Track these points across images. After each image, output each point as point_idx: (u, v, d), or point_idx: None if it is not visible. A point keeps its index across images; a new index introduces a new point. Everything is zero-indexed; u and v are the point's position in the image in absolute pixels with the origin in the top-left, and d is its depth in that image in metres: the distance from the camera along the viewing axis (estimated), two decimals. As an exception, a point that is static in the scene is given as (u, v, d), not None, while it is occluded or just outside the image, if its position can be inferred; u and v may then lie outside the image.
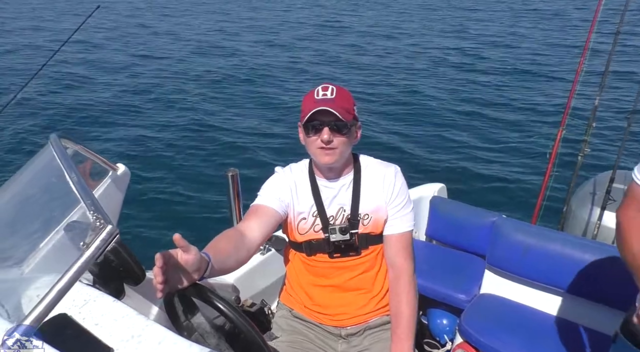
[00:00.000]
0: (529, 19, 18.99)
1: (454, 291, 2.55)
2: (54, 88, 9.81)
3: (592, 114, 3.65)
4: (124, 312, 1.19)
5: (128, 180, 1.95)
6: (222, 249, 1.39)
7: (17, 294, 1.37)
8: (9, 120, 7.82)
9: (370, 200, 1.68)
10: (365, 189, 1.69)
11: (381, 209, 1.67)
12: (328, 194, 1.68)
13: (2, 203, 1.56)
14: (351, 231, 1.64)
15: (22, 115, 8.23)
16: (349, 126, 1.57)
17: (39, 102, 8.99)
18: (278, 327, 1.82)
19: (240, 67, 12.22)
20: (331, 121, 1.53)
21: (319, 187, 1.69)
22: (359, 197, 1.67)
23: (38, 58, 12.03)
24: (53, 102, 9.13)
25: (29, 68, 10.89)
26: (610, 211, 3.26)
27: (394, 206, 1.68)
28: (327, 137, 1.53)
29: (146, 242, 4.55)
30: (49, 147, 1.42)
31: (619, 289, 2.21)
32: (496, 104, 9.40)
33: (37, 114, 8.45)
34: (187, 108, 9.19)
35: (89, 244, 0.84)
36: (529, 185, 6.05)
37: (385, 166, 1.73)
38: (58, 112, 8.62)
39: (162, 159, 6.98)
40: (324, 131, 1.53)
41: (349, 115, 1.55)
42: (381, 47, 14.41)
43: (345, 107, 1.54)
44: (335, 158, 1.58)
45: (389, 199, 1.67)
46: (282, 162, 1.82)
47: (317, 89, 1.57)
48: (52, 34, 15.23)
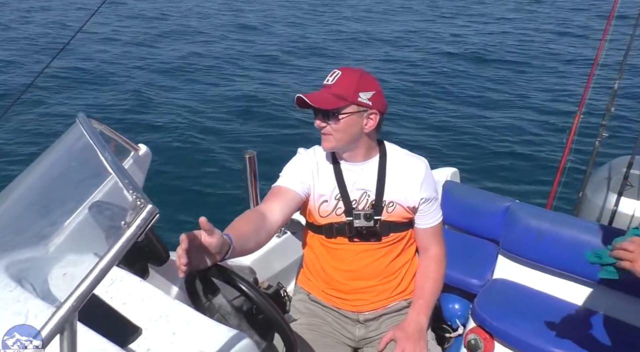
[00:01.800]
0: (548, 2, 18.57)
1: (467, 275, 2.56)
2: (69, 74, 9.81)
3: (611, 99, 3.59)
4: (151, 292, 1.22)
5: (149, 160, 1.97)
6: (243, 231, 1.40)
7: (44, 272, 1.40)
8: (33, 101, 7.88)
9: (397, 188, 1.67)
10: (392, 176, 1.68)
11: (408, 200, 1.68)
12: (351, 177, 1.68)
13: (30, 182, 1.59)
14: (375, 217, 1.65)
15: (44, 97, 8.28)
16: (334, 113, 1.55)
17: (59, 86, 9.02)
18: (296, 310, 1.84)
19: (255, 48, 12.14)
20: (319, 109, 1.56)
21: (342, 170, 1.69)
22: (384, 183, 1.67)
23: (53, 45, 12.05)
24: (72, 86, 9.16)
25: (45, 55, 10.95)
26: (628, 197, 3.23)
27: (428, 201, 1.70)
28: (318, 124, 1.59)
29: (166, 224, 4.60)
30: (78, 126, 1.42)
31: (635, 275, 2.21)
32: (512, 88, 9.25)
33: (56, 98, 8.49)
34: (206, 89, 9.17)
35: (130, 223, 0.85)
36: (544, 170, 5.98)
37: (416, 158, 1.74)
38: (76, 97, 8.64)
39: (181, 140, 7.00)
40: (317, 119, 1.59)
41: (339, 101, 1.54)
42: (390, 30, 14.21)
43: (340, 93, 1.54)
44: (332, 144, 1.60)
45: (425, 196, 1.69)
46: (299, 145, 1.82)
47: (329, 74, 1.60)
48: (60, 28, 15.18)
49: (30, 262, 1.47)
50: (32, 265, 1.46)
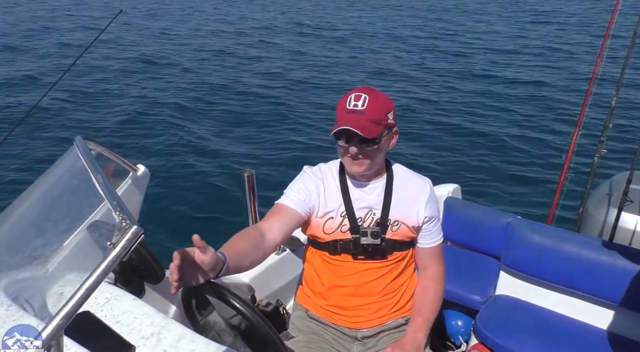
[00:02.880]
0: (547, 17, 18.83)
1: (468, 292, 2.55)
2: (73, 95, 9.93)
3: (609, 114, 3.62)
4: (144, 310, 1.23)
5: (147, 180, 1.99)
6: (240, 249, 1.41)
7: (43, 292, 1.41)
8: (33, 125, 7.96)
9: (402, 207, 1.68)
10: (398, 196, 1.69)
11: (412, 219, 1.69)
12: (357, 195, 1.69)
13: (29, 203, 1.61)
14: (381, 236, 1.65)
15: (45, 120, 8.38)
16: (377, 140, 1.56)
17: (60, 109, 9.12)
18: (294, 327, 1.84)
19: (255, 69, 12.28)
20: (359, 136, 1.52)
21: (349, 187, 1.69)
22: (390, 202, 1.68)
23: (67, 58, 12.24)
24: (72, 108, 9.27)
25: (56, 70, 11.11)
26: (628, 212, 3.22)
27: (431, 222, 1.72)
28: (354, 152, 1.55)
29: (164, 242, 4.60)
30: (74, 149, 1.45)
31: (636, 291, 2.20)
32: (511, 104, 9.32)
33: (57, 120, 8.58)
34: (205, 108, 9.27)
35: (115, 243, 0.87)
36: (545, 186, 6.00)
37: (421, 179, 1.76)
38: (76, 120, 8.72)
39: (179, 160, 7.05)
40: (351, 149, 1.55)
41: (378, 127, 1.53)
42: (391, 48, 14.38)
43: (376, 118, 1.53)
44: (365, 167, 1.60)
45: (428, 215, 1.70)
46: (301, 163, 1.83)
47: (350, 97, 1.56)
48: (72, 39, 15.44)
49: (29, 282, 1.48)
50: (31, 284, 1.47)
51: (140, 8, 22.17)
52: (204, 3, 24.29)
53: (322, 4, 24.27)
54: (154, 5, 23.49)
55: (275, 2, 24.94)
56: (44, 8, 21.69)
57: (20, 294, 1.34)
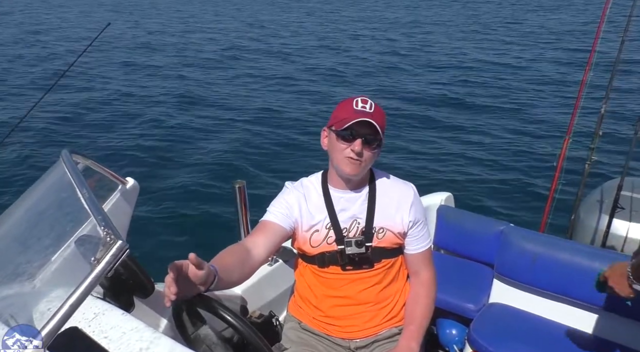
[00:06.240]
0: (535, 26, 19.04)
1: (462, 300, 2.54)
2: (62, 107, 9.89)
3: (599, 122, 3.64)
4: (133, 325, 1.21)
5: (137, 194, 1.97)
6: (228, 264, 1.41)
7: (29, 307, 1.39)
8: (20, 138, 7.91)
9: (386, 214, 1.68)
10: (381, 203, 1.69)
11: (397, 225, 1.69)
12: (341, 205, 1.69)
13: (15, 218, 1.58)
14: (366, 244, 1.65)
15: (32, 132, 8.33)
16: (380, 143, 1.59)
17: (50, 119, 9.08)
18: (287, 339, 1.82)
19: (247, 76, 12.31)
20: (367, 134, 1.54)
21: (332, 198, 1.69)
22: (374, 210, 1.68)
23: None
24: (62, 120, 9.22)
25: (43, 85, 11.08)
26: (619, 219, 3.24)
27: (416, 226, 1.71)
28: (359, 149, 1.54)
29: (155, 255, 4.56)
30: (61, 163, 1.44)
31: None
32: (502, 113, 9.39)
33: (47, 131, 8.54)
34: (193, 119, 9.26)
35: (100, 259, 0.85)
36: (537, 193, 6.03)
37: (404, 184, 1.76)
38: (65, 130, 8.69)
39: (169, 171, 7.02)
40: (357, 143, 1.54)
41: (381, 131, 1.57)
42: (385, 61, 14.46)
43: (381, 124, 1.56)
44: (359, 170, 1.60)
45: (413, 219, 1.69)
46: (291, 174, 1.83)
47: (356, 100, 1.58)
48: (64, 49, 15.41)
49: (15, 298, 1.45)
50: (18, 300, 1.45)
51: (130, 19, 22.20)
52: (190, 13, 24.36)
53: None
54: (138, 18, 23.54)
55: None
56: (33, 20, 21.63)
57: (6, 310, 1.31)
